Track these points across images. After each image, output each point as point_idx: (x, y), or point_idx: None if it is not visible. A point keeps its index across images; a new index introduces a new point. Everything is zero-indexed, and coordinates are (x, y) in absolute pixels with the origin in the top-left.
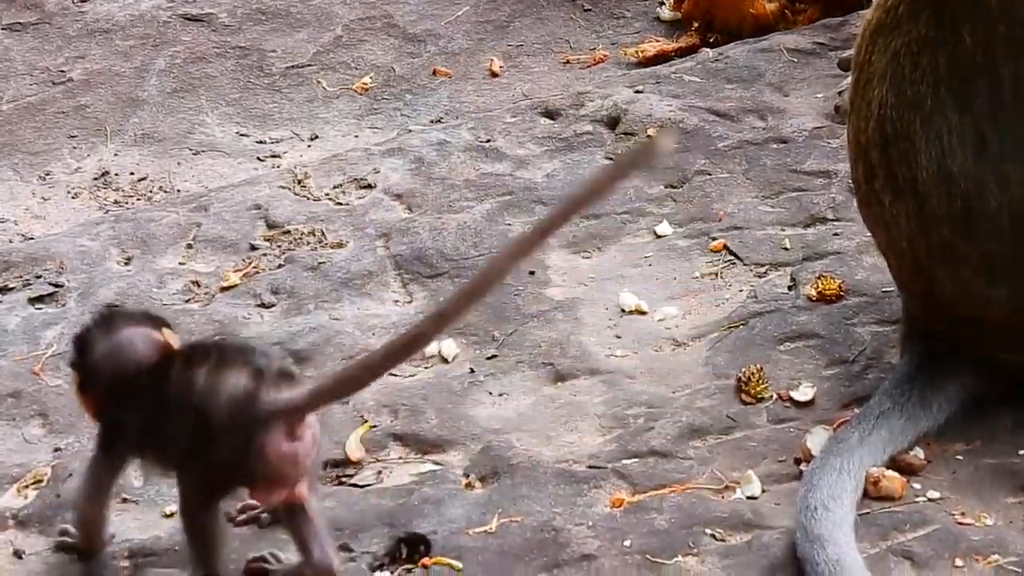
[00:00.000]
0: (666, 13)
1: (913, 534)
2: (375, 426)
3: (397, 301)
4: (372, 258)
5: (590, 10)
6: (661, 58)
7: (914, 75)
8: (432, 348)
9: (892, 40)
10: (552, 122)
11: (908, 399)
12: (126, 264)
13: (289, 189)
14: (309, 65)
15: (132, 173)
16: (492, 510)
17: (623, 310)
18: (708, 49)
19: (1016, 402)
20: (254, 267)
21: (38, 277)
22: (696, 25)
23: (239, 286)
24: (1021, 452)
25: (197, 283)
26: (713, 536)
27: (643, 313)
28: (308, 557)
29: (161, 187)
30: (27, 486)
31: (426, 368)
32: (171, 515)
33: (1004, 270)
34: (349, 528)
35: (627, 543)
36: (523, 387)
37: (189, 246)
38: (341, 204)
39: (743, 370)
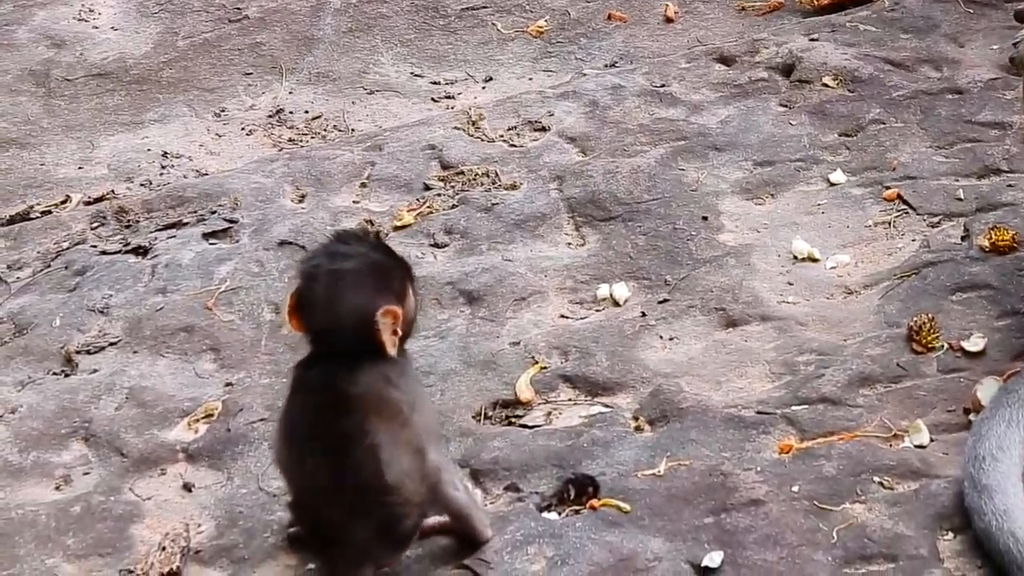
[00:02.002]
0: None
1: None
2: (545, 367)
3: (570, 244)
4: (545, 200)
5: None
6: (837, 6)
7: None
8: (604, 291)
9: None
10: (727, 68)
11: None
12: (300, 202)
13: (463, 130)
14: (484, 7)
15: (306, 111)
16: (660, 453)
17: (795, 257)
18: None
19: None
20: (428, 207)
21: (212, 213)
22: None
23: (412, 225)
24: None
25: (371, 222)
26: (881, 484)
27: (815, 261)
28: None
29: (335, 126)
30: (198, 420)
31: (598, 311)
32: None
33: None
34: (518, 468)
35: (795, 489)
36: (694, 332)
37: (363, 185)
38: (515, 146)
39: (914, 319)
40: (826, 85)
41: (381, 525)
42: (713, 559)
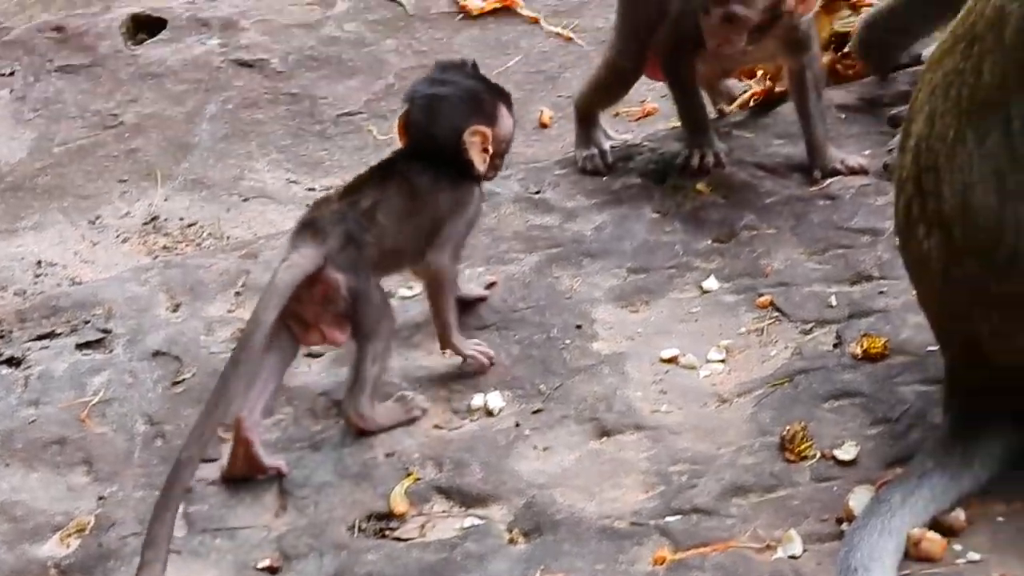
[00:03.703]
0: None
1: None
2: (419, 478)
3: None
4: (420, 309)
5: None
6: (765, 103)
7: (944, 107)
8: (478, 401)
9: (935, 74)
10: (601, 175)
11: (950, 458)
12: (174, 311)
13: None
14: (360, 113)
15: (182, 218)
16: (534, 566)
17: (669, 365)
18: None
19: None
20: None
21: (86, 322)
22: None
23: None
24: None
25: None
26: None
27: (689, 368)
28: None
29: (210, 233)
30: (70, 535)
31: (472, 421)
32: None
33: None
34: None
35: None
36: (568, 442)
37: (238, 294)
38: None
39: (787, 428)
40: (699, 191)
41: None
42: None
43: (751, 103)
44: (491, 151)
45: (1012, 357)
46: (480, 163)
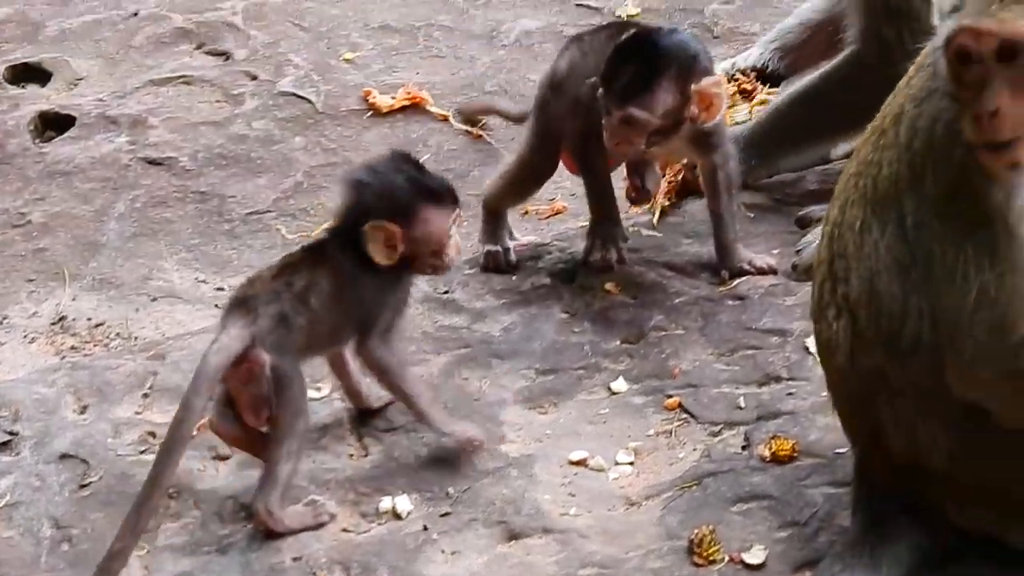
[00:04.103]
0: None
1: None
2: None
3: (352, 455)
4: (328, 411)
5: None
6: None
7: (854, 196)
8: (386, 504)
9: (852, 162)
10: (510, 275)
11: (858, 561)
12: (82, 413)
13: None
14: (269, 211)
15: (89, 319)
16: None
17: (578, 467)
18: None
19: (968, 561)
20: (210, 418)
21: None
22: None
23: (195, 437)
24: None
25: (153, 434)
26: None
27: (598, 470)
28: None
29: (118, 333)
30: None
31: (380, 524)
32: None
33: (932, 408)
34: None
35: None
36: (476, 545)
37: (146, 395)
38: None
39: (695, 531)
40: (608, 291)
41: None
42: None
43: (667, 196)
44: (402, 249)
45: (913, 452)
46: (381, 257)
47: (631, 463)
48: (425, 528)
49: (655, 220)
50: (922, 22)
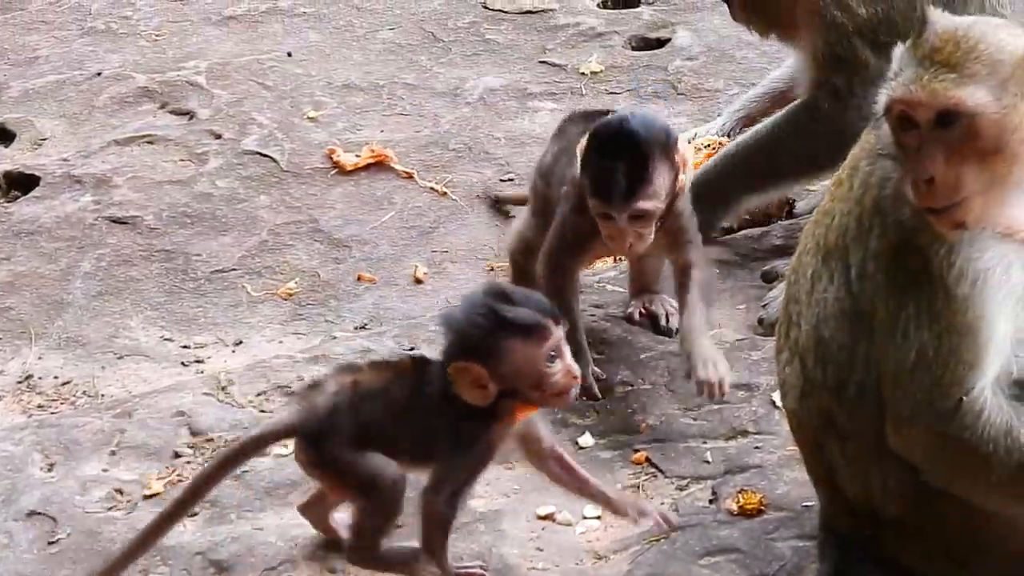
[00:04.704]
0: None
1: None
2: None
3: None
4: (295, 467)
5: (513, 216)
6: None
7: (810, 244)
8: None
9: (816, 212)
10: None
11: None
12: (49, 471)
13: (213, 396)
14: (234, 269)
15: (56, 377)
16: None
17: (545, 522)
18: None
19: None
20: (177, 475)
21: None
22: None
23: (162, 494)
24: None
25: (120, 491)
26: None
27: (565, 525)
28: None
29: (85, 391)
30: None
31: None
32: None
33: (882, 454)
34: None
35: None
36: None
37: (112, 453)
38: (265, 412)
39: None
40: None
41: None
42: None
43: None
44: (493, 388)
45: (867, 496)
46: (473, 397)
47: (598, 517)
48: None
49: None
50: (870, 70)
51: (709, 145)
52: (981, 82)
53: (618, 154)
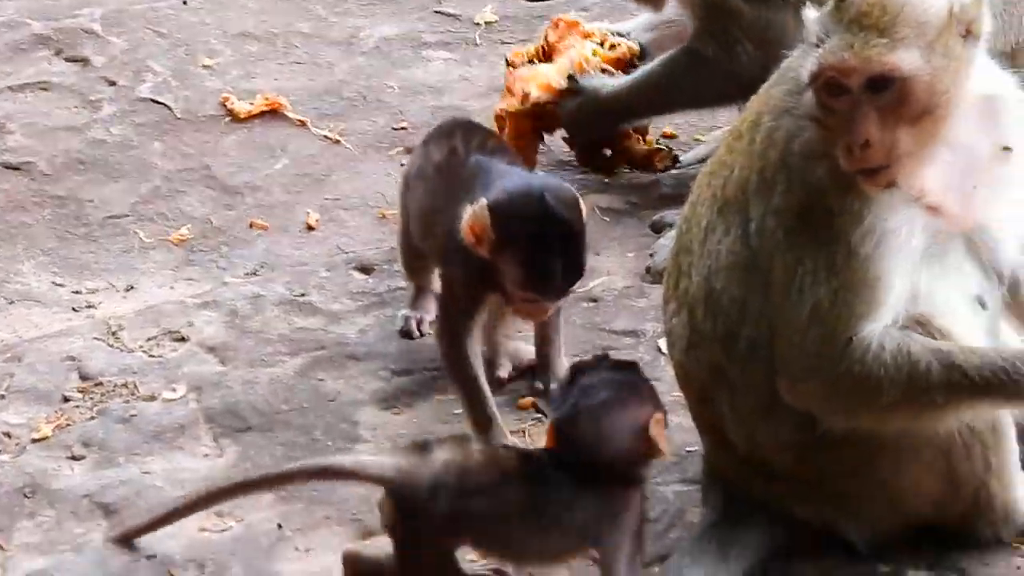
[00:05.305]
0: None
1: None
2: None
3: (207, 455)
4: (184, 411)
5: (406, 165)
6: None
7: (705, 194)
8: (242, 503)
9: (709, 162)
10: (367, 277)
11: (707, 554)
12: None
13: (103, 341)
14: (127, 215)
15: None
16: None
17: None
18: None
19: (820, 558)
20: (66, 419)
21: None
22: None
23: (50, 438)
24: None
25: (8, 434)
26: None
27: None
28: None
29: None
30: None
31: (236, 522)
32: None
33: (771, 407)
34: None
35: None
36: (331, 543)
37: (1, 396)
38: (154, 356)
39: None
40: None
41: None
42: None
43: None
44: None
45: (754, 447)
46: (665, 445)
47: None
48: (280, 527)
49: None
50: (745, 17)
51: (616, 47)
52: (911, 44)
53: (553, 247)
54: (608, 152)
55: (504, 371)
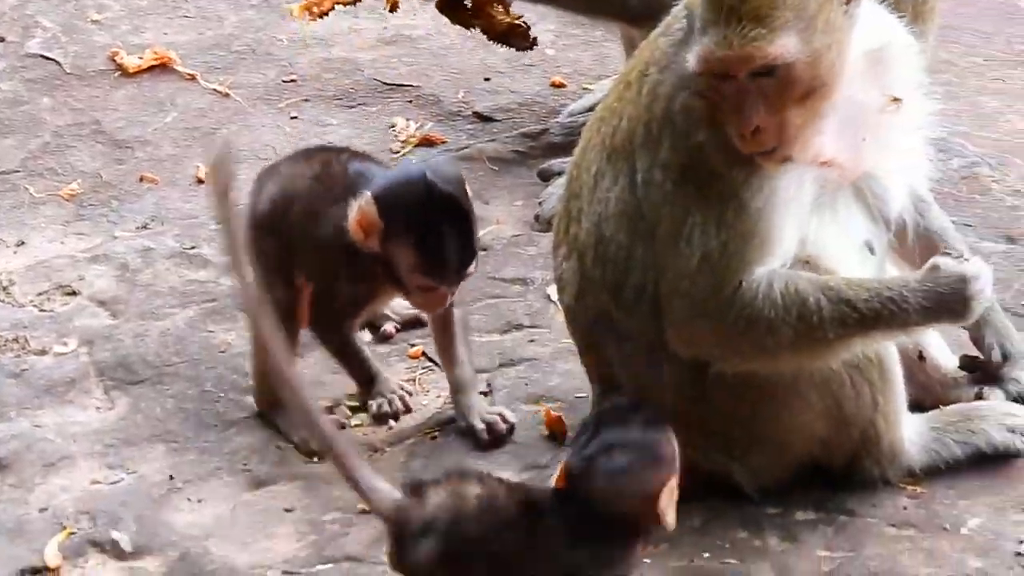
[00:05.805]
0: None
1: None
2: (74, 533)
3: (99, 408)
4: (75, 365)
5: (296, 117)
6: None
7: (595, 140)
8: (132, 455)
9: (600, 107)
10: None
11: None
12: None
13: None
14: (16, 171)
15: None
16: None
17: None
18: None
19: (707, 501)
20: None
21: None
22: None
23: None
24: (706, 554)
25: None
26: None
27: (344, 420)
28: None
29: None
30: None
31: (128, 474)
32: None
33: (659, 354)
34: None
35: None
36: (222, 493)
37: None
38: (45, 311)
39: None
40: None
41: None
42: None
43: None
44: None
45: (643, 394)
46: (673, 514)
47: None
48: (171, 478)
49: None
50: None
51: None
52: (792, 29)
53: (443, 227)
54: (469, 4)
55: (390, 325)
